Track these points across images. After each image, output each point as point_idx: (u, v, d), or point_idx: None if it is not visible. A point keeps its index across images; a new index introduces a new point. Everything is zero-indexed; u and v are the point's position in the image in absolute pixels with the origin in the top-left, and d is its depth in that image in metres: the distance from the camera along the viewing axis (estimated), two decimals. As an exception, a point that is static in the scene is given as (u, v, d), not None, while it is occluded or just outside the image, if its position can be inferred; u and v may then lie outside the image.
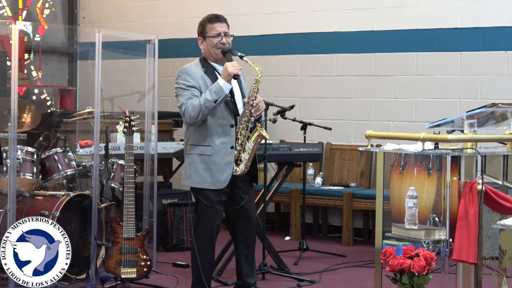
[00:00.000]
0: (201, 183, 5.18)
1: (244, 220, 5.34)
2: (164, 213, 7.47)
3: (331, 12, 8.38)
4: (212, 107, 5.06)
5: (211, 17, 5.31)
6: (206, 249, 5.24)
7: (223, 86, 5.06)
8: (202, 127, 5.17)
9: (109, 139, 6.59)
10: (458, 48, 7.72)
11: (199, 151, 5.18)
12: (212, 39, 5.23)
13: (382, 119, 8.09)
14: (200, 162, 5.17)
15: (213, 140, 5.15)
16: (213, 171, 5.15)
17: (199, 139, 5.18)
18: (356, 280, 6.36)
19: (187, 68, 5.25)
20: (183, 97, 5.15)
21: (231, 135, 5.19)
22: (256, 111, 5.18)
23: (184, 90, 5.16)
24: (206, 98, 5.05)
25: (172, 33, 9.27)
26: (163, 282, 6.10)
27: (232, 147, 5.18)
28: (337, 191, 7.86)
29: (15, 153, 5.79)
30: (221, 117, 5.17)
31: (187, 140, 5.28)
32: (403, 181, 4.98)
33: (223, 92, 5.06)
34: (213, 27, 5.25)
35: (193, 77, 5.18)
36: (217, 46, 5.23)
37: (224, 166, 5.16)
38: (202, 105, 5.05)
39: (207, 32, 5.26)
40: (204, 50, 5.31)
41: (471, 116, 4.83)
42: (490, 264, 4.95)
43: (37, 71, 9.21)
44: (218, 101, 5.05)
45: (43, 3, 9.69)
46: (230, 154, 5.17)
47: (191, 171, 5.21)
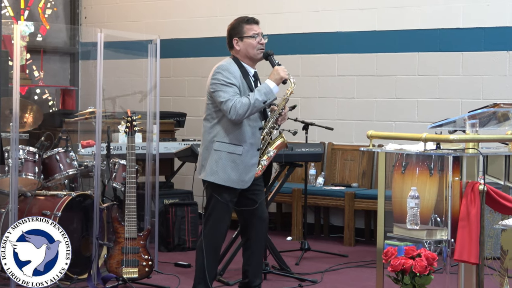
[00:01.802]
0: (227, 180, 5.15)
1: (256, 217, 5.34)
2: (165, 213, 7.47)
3: (333, 12, 8.38)
4: (260, 107, 5.11)
5: (248, 18, 5.29)
6: (214, 248, 5.22)
7: (273, 88, 5.13)
8: (236, 126, 5.15)
9: (110, 139, 6.59)
10: (460, 48, 7.72)
11: (229, 149, 5.15)
12: (251, 39, 5.22)
13: (384, 119, 8.09)
14: (229, 160, 5.15)
15: (245, 140, 5.17)
16: (240, 171, 5.16)
17: (231, 138, 5.16)
18: (358, 280, 6.36)
19: (227, 66, 5.20)
20: (227, 93, 5.10)
21: (259, 137, 5.24)
22: (282, 120, 5.30)
23: (226, 86, 5.11)
24: (256, 98, 5.07)
25: (174, 33, 9.28)
26: (165, 282, 6.10)
27: (258, 149, 5.23)
28: (339, 191, 7.86)
29: (17, 153, 5.79)
30: (253, 119, 5.20)
31: (214, 136, 5.19)
32: (405, 181, 4.98)
33: (273, 95, 5.12)
34: (251, 27, 5.24)
35: (234, 76, 5.16)
36: (258, 47, 5.23)
37: (250, 166, 5.19)
38: (252, 104, 5.06)
39: (245, 32, 5.23)
40: (241, 50, 5.25)
41: (473, 116, 4.83)
42: (492, 264, 4.95)
43: (39, 71, 9.21)
44: (267, 102, 5.11)
45: (45, 3, 9.69)
46: (256, 156, 5.22)
47: (218, 167, 5.16)
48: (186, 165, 8.18)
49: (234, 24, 5.30)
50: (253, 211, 5.31)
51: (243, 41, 5.24)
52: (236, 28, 5.28)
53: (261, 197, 5.33)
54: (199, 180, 5.39)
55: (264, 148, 5.26)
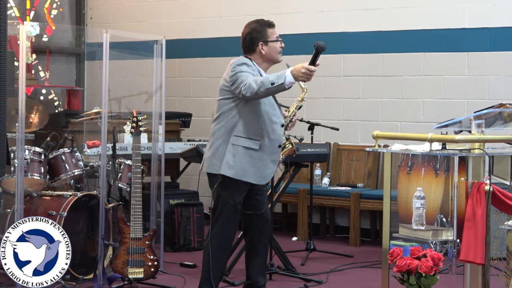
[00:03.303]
0: (243, 175, 5.07)
1: (260, 219, 5.31)
2: (171, 213, 7.47)
3: (339, 13, 8.37)
4: (266, 88, 4.88)
5: (270, 22, 5.25)
6: (221, 249, 5.18)
7: (287, 75, 4.90)
8: (255, 120, 5.08)
9: (116, 139, 6.59)
10: (466, 48, 7.71)
11: (246, 144, 5.06)
12: (275, 44, 5.20)
13: (389, 119, 8.09)
14: (246, 155, 5.07)
15: (263, 135, 5.09)
16: (257, 166, 5.09)
17: (249, 132, 5.08)
18: (363, 281, 6.36)
19: (246, 61, 5.13)
20: (247, 76, 4.99)
21: (280, 134, 5.16)
22: (292, 126, 5.32)
23: (246, 73, 5.01)
24: (267, 77, 4.94)
25: (179, 34, 9.28)
26: (170, 282, 6.11)
27: (279, 146, 5.17)
28: (344, 192, 7.86)
29: (23, 153, 5.81)
30: (274, 115, 5.13)
31: (230, 130, 5.09)
32: (411, 182, 4.98)
33: (282, 79, 4.89)
34: (273, 31, 5.22)
35: (253, 69, 5.10)
36: (279, 51, 5.23)
37: (269, 162, 5.12)
38: (262, 81, 4.88)
39: (269, 37, 5.19)
40: (267, 54, 5.20)
41: (479, 117, 4.83)
42: (498, 264, 4.95)
43: (45, 71, 9.22)
44: (275, 85, 4.89)
45: (51, 3, 9.71)
46: (277, 152, 5.15)
47: (235, 162, 5.07)
48: (191, 166, 8.18)
49: (256, 28, 5.21)
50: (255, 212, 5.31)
51: (268, 45, 5.19)
52: (261, 32, 5.20)
53: (265, 198, 5.32)
54: (205, 181, 5.36)
55: None
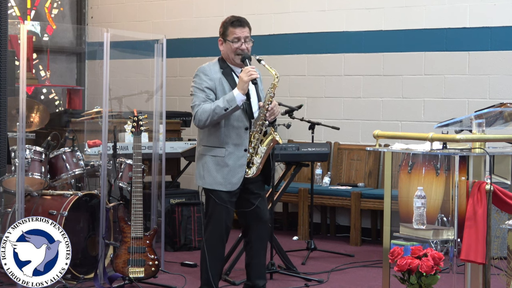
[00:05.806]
0: (213, 184, 5.17)
1: (257, 220, 5.32)
2: (172, 213, 7.47)
3: (340, 12, 8.37)
4: (222, 114, 5.05)
5: (234, 20, 5.22)
6: (216, 249, 5.22)
7: (236, 96, 5.04)
8: (216, 129, 5.16)
9: (117, 139, 6.59)
10: (467, 47, 7.71)
11: (212, 153, 5.17)
12: (231, 44, 5.19)
13: (390, 118, 8.08)
14: (213, 163, 5.16)
15: (227, 142, 5.15)
16: (225, 173, 5.15)
17: (213, 141, 5.18)
18: (364, 280, 6.36)
19: (205, 68, 5.23)
20: (197, 99, 5.15)
21: (245, 138, 5.18)
22: (271, 115, 5.17)
23: (200, 91, 5.16)
24: (217, 105, 5.05)
25: (180, 33, 9.28)
26: (171, 281, 6.11)
27: (245, 149, 5.17)
28: (345, 191, 7.86)
29: (24, 152, 5.81)
30: (236, 120, 5.16)
31: (200, 141, 5.26)
32: (411, 181, 4.98)
33: (235, 102, 5.03)
34: (234, 31, 5.18)
35: (210, 78, 5.17)
36: (236, 52, 5.18)
37: (237, 168, 5.15)
38: (212, 110, 5.05)
39: (228, 35, 5.20)
40: (223, 52, 5.26)
41: (480, 116, 4.82)
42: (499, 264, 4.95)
43: (46, 70, 9.23)
44: (229, 110, 5.04)
45: (52, 3, 9.71)
46: (243, 157, 5.17)
47: (204, 172, 5.20)
48: (192, 165, 8.18)
49: (222, 24, 5.26)
50: (253, 213, 5.29)
51: (226, 43, 5.23)
52: (222, 29, 5.25)
53: (258, 198, 5.29)
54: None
55: (257, 148, 5.20)
